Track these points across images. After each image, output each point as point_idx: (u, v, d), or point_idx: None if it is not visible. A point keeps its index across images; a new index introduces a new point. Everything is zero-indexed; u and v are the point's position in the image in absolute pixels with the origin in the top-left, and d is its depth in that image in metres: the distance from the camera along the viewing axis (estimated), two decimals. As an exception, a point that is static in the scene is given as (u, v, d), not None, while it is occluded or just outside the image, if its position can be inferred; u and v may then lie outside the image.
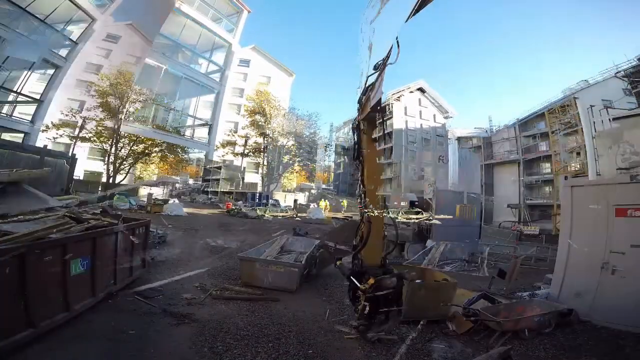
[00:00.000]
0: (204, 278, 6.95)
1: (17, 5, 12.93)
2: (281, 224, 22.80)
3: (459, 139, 55.88)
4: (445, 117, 55.83)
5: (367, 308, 3.98)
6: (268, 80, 38.75)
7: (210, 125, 17.64)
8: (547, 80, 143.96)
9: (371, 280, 3.92)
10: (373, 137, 4.45)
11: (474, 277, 9.02)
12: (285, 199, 33.69)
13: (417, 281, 5.19)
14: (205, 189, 63.88)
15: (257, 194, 38.56)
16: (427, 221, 14.41)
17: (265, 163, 23.01)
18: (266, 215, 27.74)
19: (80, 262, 4.11)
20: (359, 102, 4.56)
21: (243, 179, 10.78)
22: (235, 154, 22.22)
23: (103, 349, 3.63)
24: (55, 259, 3.68)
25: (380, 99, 4.06)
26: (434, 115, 53.49)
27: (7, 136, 13.92)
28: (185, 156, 25.47)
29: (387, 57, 3.89)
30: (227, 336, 4.27)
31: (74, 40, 16.85)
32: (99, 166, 26.80)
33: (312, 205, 27.83)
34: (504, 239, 18.06)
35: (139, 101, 21.33)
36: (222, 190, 59.33)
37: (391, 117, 45.74)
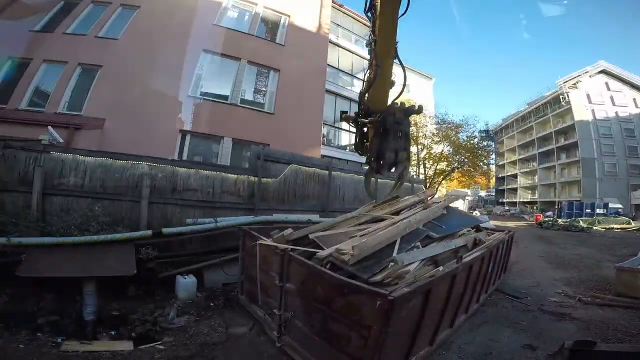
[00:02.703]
0: (558, 286, 7.07)
1: (334, 67, 18.63)
2: (623, 238, 17.88)
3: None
4: None
5: (374, 142, 3.67)
6: (407, 89, 34.42)
7: None
8: None
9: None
10: None
11: None
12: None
13: None
14: (500, 200, 60.36)
15: (577, 203, 31.97)
16: None
17: (423, 172, 20.42)
18: (595, 227, 22.57)
19: (491, 264, 5.18)
20: None
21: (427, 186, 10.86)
22: None
23: (507, 332, 4.48)
24: (487, 260, 4.82)
25: None
26: (634, 99, 40.70)
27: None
28: (485, 168, 26.14)
29: None
30: (618, 332, 4.40)
31: None
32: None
33: (474, 213, 27.95)
34: None
35: (430, 123, 24.57)
36: (521, 200, 53.94)
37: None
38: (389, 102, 4.11)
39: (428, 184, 24.09)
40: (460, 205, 39.34)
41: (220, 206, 6.33)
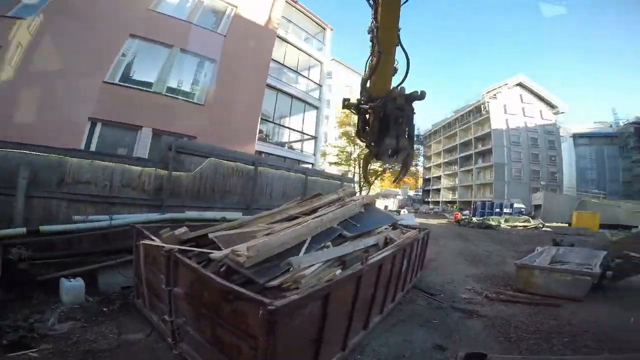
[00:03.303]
0: (469, 282, 7.49)
1: (279, 62, 18.17)
2: (525, 235, 20.39)
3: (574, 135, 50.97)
4: (555, 113, 49.12)
5: (374, 127, 3.63)
6: (350, 90, 39.00)
7: (316, 139, 19.23)
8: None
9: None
10: None
11: None
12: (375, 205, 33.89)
13: None
14: (426, 199, 65.44)
15: (489, 203, 35.73)
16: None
17: (357, 171, 22.42)
18: (502, 224, 25.47)
19: (404, 262, 5.13)
20: None
21: (353, 186, 11.59)
22: (330, 164, 23.09)
23: (421, 332, 4.50)
24: (400, 259, 4.80)
25: None
26: (541, 112, 48.45)
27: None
28: (413, 169, 27.90)
29: None
30: (518, 330, 4.60)
31: (318, 83, 21.65)
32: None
33: (402, 211, 31.06)
34: None
35: None
36: (443, 200, 59.06)
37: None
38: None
39: (362, 183, 24.83)
40: (391, 204, 41.62)
41: (119, 202, 5.56)
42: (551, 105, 48.82)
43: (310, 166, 19.35)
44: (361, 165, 5.30)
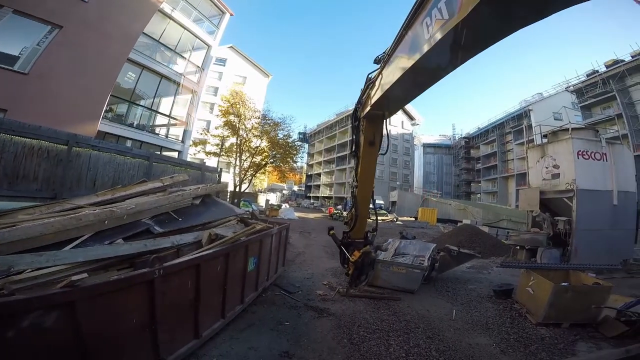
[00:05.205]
0: (328, 276, 7.69)
1: (153, 38, 16.04)
2: (382, 227, 23.01)
3: (424, 145, 62.45)
4: (413, 124, 57.72)
5: (354, 272, 5.54)
6: (244, 80, 38.74)
7: (187, 124, 19.40)
8: (509, 89, 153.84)
9: (357, 253, 5.22)
10: (370, 140, 4.78)
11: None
12: (257, 199, 35.95)
13: (563, 284, 5.12)
14: (308, 195, 68.48)
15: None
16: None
17: (238, 163, 23.43)
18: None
19: (252, 261, 4.85)
20: (359, 100, 4.67)
21: (220, 179, 11.60)
22: (208, 153, 23.49)
23: (270, 337, 4.27)
24: (241, 257, 4.50)
25: (383, 95, 3.93)
26: (402, 122, 55.61)
27: (165, 153, 17.14)
28: (295, 165, 28.10)
29: (390, 51, 3.69)
30: (361, 329, 4.74)
31: (200, 66, 19.83)
32: (224, 177, 31.48)
33: (283, 206, 32.32)
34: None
35: (254, 117, 24.31)
36: (322, 195, 62.86)
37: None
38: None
39: (243, 177, 23.70)
40: (274, 198, 41.55)
41: None
42: (411, 117, 57.79)
43: (177, 154, 17.37)
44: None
